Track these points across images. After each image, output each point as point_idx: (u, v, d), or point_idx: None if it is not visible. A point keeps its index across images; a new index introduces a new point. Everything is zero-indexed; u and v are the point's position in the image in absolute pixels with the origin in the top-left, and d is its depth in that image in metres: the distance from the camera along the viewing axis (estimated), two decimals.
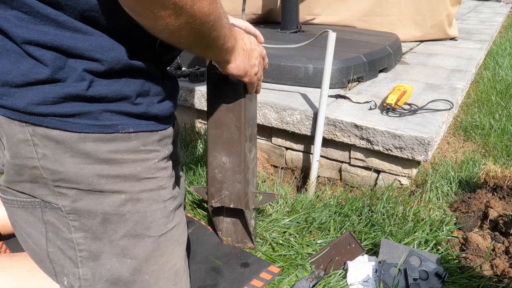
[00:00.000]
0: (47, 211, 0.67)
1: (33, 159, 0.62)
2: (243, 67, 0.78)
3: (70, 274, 0.70)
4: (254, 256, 0.99)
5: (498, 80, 2.44)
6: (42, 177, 0.63)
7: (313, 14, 2.61)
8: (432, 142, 1.20)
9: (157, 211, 0.72)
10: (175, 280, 0.77)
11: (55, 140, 0.61)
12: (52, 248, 0.69)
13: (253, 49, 0.80)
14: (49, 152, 0.61)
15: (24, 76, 0.57)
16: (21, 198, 0.67)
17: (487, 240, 1.03)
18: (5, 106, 0.59)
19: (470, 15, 4.82)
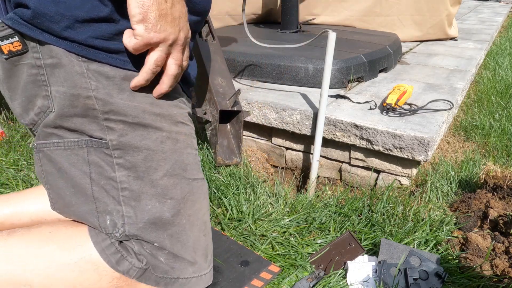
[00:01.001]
0: (92, 151, 0.70)
1: (88, 89, 0.66)
2: (146, 8, 0.60)
3: (114, 211, 0.71)
4: (254, 254, 0.99)
5: (498, 80, 2.44)
6: (93, 108, 0.67)
7: (313, 14, 2.61)
8: (432, 142, 1.20)
9: (190, 155, 0.77)
10: (205, 231, 0.79)
11: (106, 76, 0.67)
12: (96, 187, 0.70)
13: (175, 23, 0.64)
14: (101, 85, 0.67)
15: (89, 13, 0.62)
16: (68, 139, 0.70)
17: (487, 240, 1.03)
18: (67, 38, 0.63)
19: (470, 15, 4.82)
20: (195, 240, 0.76)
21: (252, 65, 1.72)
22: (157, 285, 0.73)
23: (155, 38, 0.63)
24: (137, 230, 0.71)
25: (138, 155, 0.70)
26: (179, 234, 0.74)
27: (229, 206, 1.16)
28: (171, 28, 0.64)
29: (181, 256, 0.74)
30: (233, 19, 2.57)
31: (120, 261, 0.70)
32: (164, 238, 0.72)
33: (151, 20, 0.61)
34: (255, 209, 1.14)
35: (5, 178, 1.32)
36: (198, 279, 0.76)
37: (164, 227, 0.73)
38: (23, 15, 0.61)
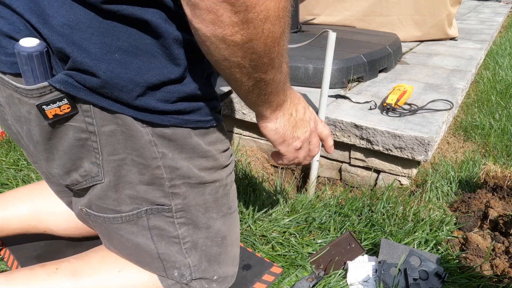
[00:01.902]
0: (152, 217, 0.68)
1: (156, 159, 0.62)
2: (282, 132, 0.67)
3: (181, 266, 0.73)
4: (256, 257, 0.99)
5: (498, 80, 2.44)
6: (161, 177, 0.64)
7: (313, 14, 2.61)
8: (432, 142, 1.20)
9: (234, 190, 0.78)
10: (238, 245, 0.85)
11: (168, 138, 0.62)
12: (161, 249, 0.71)
13: (304, 120, 0.70)
14: (166, 150, 0.62)
15: (160, 76, 0.56)
16: (126, 213, 0.68)
17: (487, 240, 1.03)
18: (138, 107, 0.57)
19: (470, 15, 4.82)
20: (233, 256, 0.82)
21: None
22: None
23: (298, 144, 0.71)
24: (201, 273, 0.76)
25: (198, 211, 0.71)
26: (225, 259, 0.79)
27: None
28: (305, 127, 0.71)
29: (227, 275, 0.80)
30: None
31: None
32: (216, 268, 0.78)
33: (289, 137, 0.69)
34: (255, 209, 1.14)
35: (5, 178, 1.32)
36: (232, 281, 0.84)
37: (216, 259, 0.77)
38: (85, 82, 0.54)
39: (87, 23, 0.52)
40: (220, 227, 0.75)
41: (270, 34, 0.49)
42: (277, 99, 0.63)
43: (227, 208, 0.76)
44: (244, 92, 0.60)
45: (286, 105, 0.66)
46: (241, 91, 0.60)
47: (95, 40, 0.52)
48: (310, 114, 0.73)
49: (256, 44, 0.49)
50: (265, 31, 0.48)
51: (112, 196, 0.65)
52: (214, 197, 0.72)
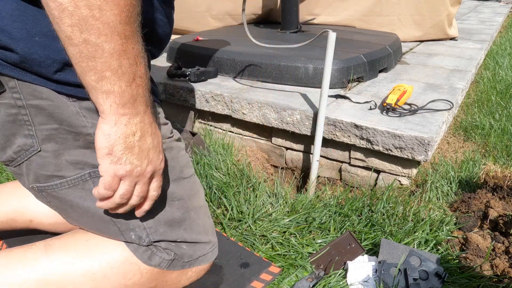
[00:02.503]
0: (97, 181, 0.71)
1: (86, 127, 0.69)
2: (112, 141, 0.60)
3: (136, 227, 0.77)
4: (254, 255, 0.99)
5: (498, 80, 2.44)
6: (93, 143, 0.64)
7: (313, 14, 2.61)
8: (432, 142, 1.20)
9: (183, 156, 0.84)
10: (207, 214, 0.91)
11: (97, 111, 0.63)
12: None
13: (143, 155, 0.64)
14: (96, 121, 0.65)
15: None
16: (70, 177, 0.72)
17: (487, 240, 1.03)
18: (58, 81, 0.65)
19: (470, 15, 4.82)
20: (204, 224, 0.88)
21: (252, 65, 1.72)
22: (183, 268, 0.84)
23: (122, 171, 0.62)
24: (159, 236, 0.80)
25: None
26: (192, 226, 0.84)
27: (229, 206, 1.16)
28: (138, 161, 0.63)
29: (198, 241, 0.85)
30: (233, 19, 2.57)
31: (152, 257, 0.79)
32: (182, 233, 0.82)
33: (116, 153, 0.61)
34: (255, 209, 1.14)
35: (5, 178, 1.32)
36: (212, 252, 0.90)
37: (179, 224, 0.82)
38: (7, 58, 0.61)
39: (10, 12, 0.60)
40: (174, 189, 0.80)
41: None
42: (118, 88, 0.57)
43: (179, 172, 0.81)
44: (74, 56, 0.54)
45: (133, 118, 0.61)
46: (71, 54, 0.55)
47: (17, 26, 0.60)
48: (154, 157, 0.66)
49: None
50: None
51: (53, 162, 0.70)
52: None
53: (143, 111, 0.62)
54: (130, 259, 0.78)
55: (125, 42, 0.55)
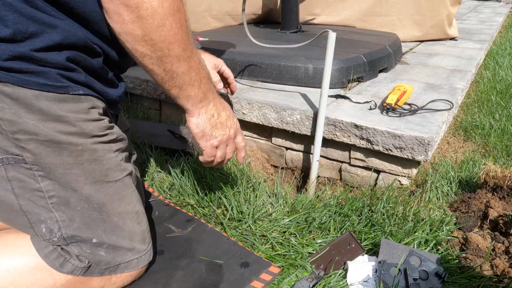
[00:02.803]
0: (10, 168, 0.72)
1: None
2: (202, 127, 0.83)
3: (47, 219, 0.76)
4: (254, 255, 0.99)
5: (498, 80, 2.44)
6: (2, 129, 0.69)
7: (313, 14, 2.61)
8: (432, 142, 1.20)
9: (111, 159, 0.81)
10: (138, 220, 0.88)
11: (10, 97, 0.67)
12: (23, 201, 0.74)
13: (224, 124, 0.86)
14: (6, 106, 0.67)
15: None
16: None
17: (487, 240, 1.03)
18: None
19: (470, 15, 4.82)
20: (131, 230, 0.85)
21: (252, 65, 1.72)
22: (102, 275, 0.83)
23: (215, 142, 0.86)
24: (73, 231, 0.78)
25: (56, 170, 0.74)
26: (113, 229, 0.82)
27: (229, 206, 1.16)
28: (223, 131, 0.86)
29: (119, 246, 0.83)
30: (233, 19, 2.57)
31: (64, 264, 0.78)
32: (100, 234, 0.81)
33: (208, 134, 0.84)
34: (255, 209, 1.14)
35: None
36: (138, 260, 0.87)
37: (97, 225, 0.80)
38: None
39: None
40: (91, 192, 0.78)
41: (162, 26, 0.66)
42: (194, 93, 0.78)
43: (102, 176, 0.79)
44: (160, 81, 0.74)
45: (208, 106, 0.82)
46: (157, 80, 0.74)
47: None
48: (232, 123, 0.88)
49: (154, 36, 0.66)
50: (155, 22, 0.65)
51: None
52: (77, 160, 0.75)
53: (212, 98, 0.83)
54: (40, 265, 0.77)
55: (189, 61, 0.74)
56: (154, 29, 0.66)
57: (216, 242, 1.04)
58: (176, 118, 1.82)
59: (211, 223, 1.12)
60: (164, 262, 0.98)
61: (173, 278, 0.93)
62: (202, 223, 1.12)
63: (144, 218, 0.91)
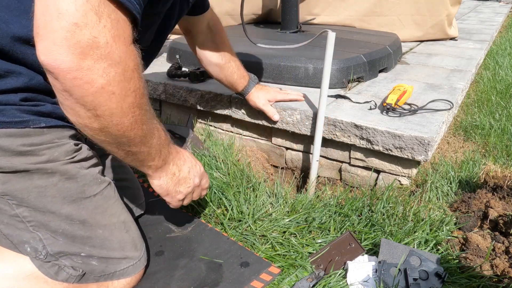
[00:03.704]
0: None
1: None
2: (165, 188, 0.83)
3: (30, 239, 0.77)
4: (254, 255, 0.99)
5: (498, 80, 2.44)
6: None
7: (313, 14, 2.61)
8: (432, 142, 1.20)
9: (85, 175, 0.81)
10: (126, 228, 0.88)
11: None
12: (2, 225, 0.75)
13: (187, 178, 0.85)
14: None
15: None
16: None
17: (487, 240, 1.03)
18: None
19: (470, 15, 4.82)
20: (120, 240, 0.86)
21: (252, 65, 1.72)
22: (97, 281, 0.84)
23: (181, 196, 0.86)
24: (59, 247, 0.79)
25: (29, 195, 0.74)
26: (102, 242, 0.83)
27: (229, 206, 1.16)
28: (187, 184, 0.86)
29: (110, 257, 0.84)
30: (233, 19, 2.57)
31: (59, 272, 0.80)
32: (88, 249, 0.82)
33: (172, 191, 0.83)
34: (255, 209, 1.14)
35: None
36: (134, 266, 0.88)
37: (83, 241, 0.81)
38: None
39: None
40: (71, 211, 0.78)
41: (120, 123, 0.63)
42: (154, 163, 0.76)
43: (79, 193, 0.79)
44: (122, 158, 0.72)
45: (168, 167, 0.81)
46: (118, 157, 0.72)
47: None
48: (195, 172, 0.87)
49: (111, 130, 0.64)
50: (114, 121, 0.63)
51: None
52: (49, 181, 0.75)
53: (171, 159, 0.81)
54: (35, 273, 0.78)
55: (149, 142, 0.72)
56: (112, 126, 0.63)
57: (216, 242, 1.04)
58: (176, 118, 1.82)
59: (211, 223, 1.12)
60: (164, 262, 0.98)
61: (173, 278, 0.93)
62: (202, 223, 1.12)
63: (132, 225, 0.91)
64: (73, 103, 0.59)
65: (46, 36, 0.54)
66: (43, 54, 0.55)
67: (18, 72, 0.70)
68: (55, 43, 0.54)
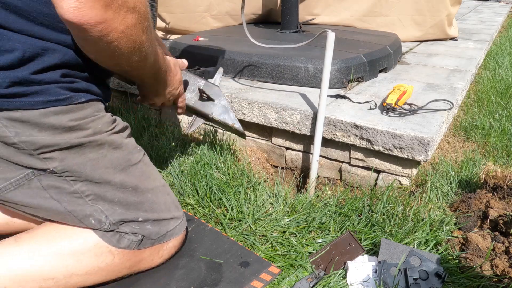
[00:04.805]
0: (43, 178, 0.76)
1: (9, 137, 0.70)
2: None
3: (93, 211, 0.81)
4: (254, 255, 0.99)
5: (498, 80, 2.44)
6: (24, 149, 0.72)
7: (313, 14, 2.61)
8: (432, 142, 1.20)
9: (127, 144, 0.87)
10: (167, 191, 0.95)
11: (21, 121, 0.70)
12: (65, 203, 0.79)
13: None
14: (19, 130, 0.70)
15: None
16: (13, 178, 0.75)
17: (487, 240, 1.03)
18: None
19: (470, 15, 4.82)
20: (165, 202, 0.92)
21: (252, 65, 1.72)
22: (153, 245, 0.89)
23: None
24: (119, 215, 0.84)
25: (85, 168, 0.78)
26: (152, 206, 0.88)
27: (229, 206, 1.16)
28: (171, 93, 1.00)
29: (161, 219, 0.90)
30: (233, 19, 2.57)
31: (120, 240, 0.84)
32: (142, 214, 0.87)
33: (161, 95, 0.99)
34: (255, 209, 1.14)
35: None
36: (180, 225, 0.94)
37: (137, 207, 0.86)
38: None
39: None
40: (123, 178, 0.84)
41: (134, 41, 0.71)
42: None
43: (125, 161, 0.84)
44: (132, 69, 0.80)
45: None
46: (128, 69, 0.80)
47: None
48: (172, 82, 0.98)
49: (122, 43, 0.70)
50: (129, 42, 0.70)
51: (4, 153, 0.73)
52: (100, 153, 0.80)
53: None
54: (99, 243, 0.83)
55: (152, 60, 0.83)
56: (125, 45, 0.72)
57: (216, 242, 1.04)
58: (176, 118, 1.82)
59: (211, 223, 1.12)
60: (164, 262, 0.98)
61: (173, 277, 0.93)
62: (202, 223, 1.12)
63: (169, 188, 0.97)
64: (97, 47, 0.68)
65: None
66: (70, 12, 0.59)
67: (52, 48, 0.72)
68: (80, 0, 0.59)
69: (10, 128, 0.70)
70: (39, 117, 0.71)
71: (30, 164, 0.74)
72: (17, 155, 0.72)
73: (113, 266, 0.85)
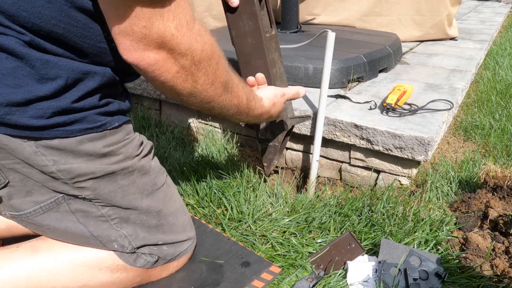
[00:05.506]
0: (72, 202, 0.76)
1: (47, 166, 0.70)
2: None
3: (117, 237, 0.82)
4: (255, 255, 0.99)
5: (498, 80, 2.44)
6: (60, 178, 0.72)
7: (313, 14, 2.61)
8: (432, 142, 1.20)
9: (154, 167, 0.87)
10: (184, 211, 0.96)
11: (56, 148, 0.69)
12: (91, 228, 0.80)
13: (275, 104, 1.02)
14: (57, 158, 0.70)
15: (25, 95, 0.63)
16: (44, 202, 0.75)
17: (487, 240, 1.03)
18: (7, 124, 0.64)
19: (470, 15, 4.82)
20: (182, 223, 0.93)
21: None
22: (165, 263, 0.91)
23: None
24: (141, 241, 0.85)
25: (116, 196, 0.79)
26: (171, 228, 0.90)
27: (229, 206, 1.16)
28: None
29: (178, 241, 0.91)
30: None
31: (137, 259, 0.86)
32: (162, 236, 0.88)
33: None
34: (255, 209, 1.14)
35: None
36: (191, 245, 0.96)
37: (158, 230, 0.87)
38: None
39: None
40: (149, 204, 0.84)
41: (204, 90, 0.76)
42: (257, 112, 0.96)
43: (151, 186, 0.85)
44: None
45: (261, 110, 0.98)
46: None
47: None
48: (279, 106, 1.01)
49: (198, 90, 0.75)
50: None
51: (23, 189, 0.73)
52: (130, 179, 0.80)
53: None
54: (117, 261, 0.84)
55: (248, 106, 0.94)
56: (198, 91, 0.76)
57: (217, 243, 1.05)
58: (176, 118, 1.82)
59: (211, 223, 1.12)
60: None
61: (174, 278, 0.93)
62: (202, 224, 1.12)
63: (186, 208, 0.98)
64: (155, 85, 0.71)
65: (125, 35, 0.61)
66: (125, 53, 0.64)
67: (93, 72, 0.71)
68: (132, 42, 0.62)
69: (48, 156, 0.69)
70: (76, 145, 0.71)
71: (64, 190, 0.74)
72: (52, 181, 0.72)
73: (126, 281, 0.87)
